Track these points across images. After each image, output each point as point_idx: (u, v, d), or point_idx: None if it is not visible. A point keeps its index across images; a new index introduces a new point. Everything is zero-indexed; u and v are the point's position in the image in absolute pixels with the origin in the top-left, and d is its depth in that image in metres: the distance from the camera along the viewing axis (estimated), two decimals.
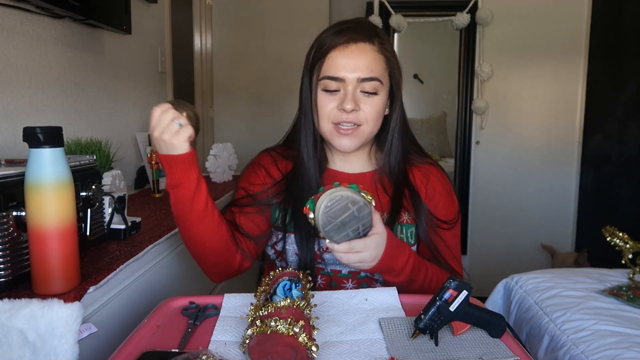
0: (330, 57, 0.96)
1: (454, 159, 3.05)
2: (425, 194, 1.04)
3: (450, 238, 1.05)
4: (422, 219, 1.01)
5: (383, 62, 0.98)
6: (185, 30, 3.06)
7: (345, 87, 0.95)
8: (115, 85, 1.88)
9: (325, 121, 0.98)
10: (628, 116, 2.52)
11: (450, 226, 1.04)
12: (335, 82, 0.95)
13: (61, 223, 0.77)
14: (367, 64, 0.95)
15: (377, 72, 0.96)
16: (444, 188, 1.06)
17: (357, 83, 0.95)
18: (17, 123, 1.31)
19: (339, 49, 0.95)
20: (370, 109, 0.96)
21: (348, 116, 0.95)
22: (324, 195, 0.80)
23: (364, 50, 0.95)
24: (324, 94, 0.97)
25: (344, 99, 0.95)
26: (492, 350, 0.69)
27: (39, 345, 0.72)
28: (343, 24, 0.98)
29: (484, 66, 2.85)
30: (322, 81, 0.97)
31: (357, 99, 0.96)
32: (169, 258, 1.26)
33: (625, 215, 2.52)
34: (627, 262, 1.30)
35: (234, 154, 2.17)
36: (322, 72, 0.96)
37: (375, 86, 0.96)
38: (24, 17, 1.34)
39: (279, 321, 0.65)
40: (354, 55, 0.95)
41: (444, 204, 1.05)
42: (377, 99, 0.97)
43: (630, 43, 2.51)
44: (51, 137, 0.75)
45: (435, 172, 1.08)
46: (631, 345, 0.99)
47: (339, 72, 0.95)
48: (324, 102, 0.97)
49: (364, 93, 0.96)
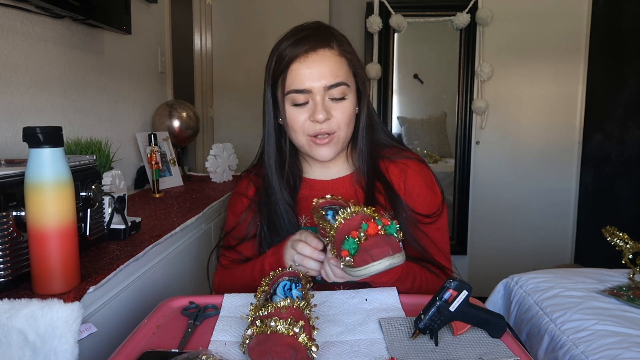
0: (292, 69, 0.95)
1: (454, 159, 3.05)
2: (404, 190, 1.02)
3: (435, 232, 1.03)
4: (402, 215, 0.99)
5: (346, 64, 0.97)
6: (185, 30, 3.06)
7: (313, 98, 0.95)
8: (115, 85, 1.88)
9: (301, 134, 0.98)
10: (628, 116, 2.52)
11: (433, 220, 1.02)
12: (303, 95, 0.95)
13: (61, 223, 0.77)
14: (331, 70, 0.94)
15: (341, 76, 0.95)
16: (423, 181, 1.04)
17: (324, 91, 0.94)
18: (17, 123, 1.31)
19: (300, 59, 0.94)
20: (341, 115, 0.96)
21: (322, 126, 0.95)
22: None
23: (324, 57, 0.94)
24: (293, 108, 0.97)
25: (314, 110, 0.94)
26: (492, 350, 0.69)
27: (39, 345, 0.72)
28: (300, 32, 0.97)
29: (484, 66, 2.85)
30: (289, 96, 0.96)
31: (327, 107, 0.95)
32: (169, 258, 1.26)
33: (625, 215, 2.52)
34: (627, 262, 1.30)
35: (234, 154, 2.17)
36: (287, 87, 0.96)
37: (342, 91, 0.95)
38: (24, 17, 1.34)
39: (279, 321, 0.65)
40: (316, 64, 0.94)
41: (425, 196, 1.03)
42: (347, 103, 0.97)
43: (630, 43, 2.51)
44: (51, 137, 0.75)
45: (414, 166, 1.05)
46: (631, 345, 0.99)
47: (304, 84, 0.94)
48: (295, 116, 0.97)
49: (332, 100, 0.95)
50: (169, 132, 2.09)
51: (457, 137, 3.00)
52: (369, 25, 2.86)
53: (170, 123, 2.11)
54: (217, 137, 3.10)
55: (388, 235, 0.75)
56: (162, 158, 1.91)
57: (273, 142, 1.03)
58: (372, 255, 0.71)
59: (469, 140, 2.96)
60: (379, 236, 0.74)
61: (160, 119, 2.12)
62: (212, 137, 3.10)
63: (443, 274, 1.01)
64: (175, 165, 2.05)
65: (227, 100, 3.08)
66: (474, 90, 2.91)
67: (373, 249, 0.72)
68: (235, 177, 2.18)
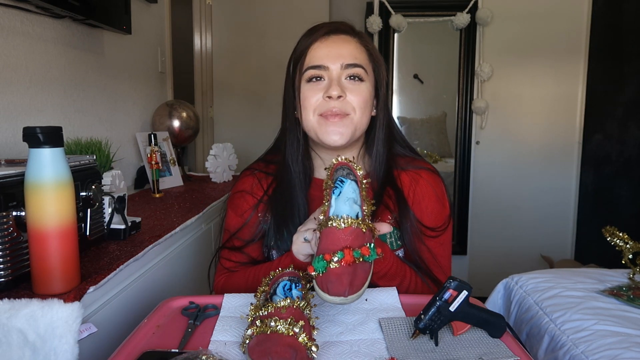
0: (312, 49, 0.94)
1: (454, 159, 3.05)
2: (412, 199, 0.99)
3: (438, 246, 0.99)
4: (407, 224, 0.97)
5: (365, 53, 0.96)
6: (185, 30, 3.06)
7: (329, 75, 0.93)
8: (115, 85, 1.88)
9: (311, 114, 0.94)
10: (628, 116, 2.52)
11: (437, 234, 0.99)
12: (319, 70, 0.93)
13: (61, 223, 0.77)
14: (350, 52, 0.94)
15: (360, 59, 0.94)
16: (434, 192, 1.01)
17: (341, 70, 0.93)
18: (17, 123, 1.31)
19: (321, 40, 0.94)
20: (357, 97, 0.93)
21: (335, 104, 0.92)
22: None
23: (345, 40, 0.95)
24: (307, 85, 0.94)
25: (329, 86, 0.92)
26: (492, 350, 0.69)
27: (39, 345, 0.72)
28: (321, 25, 0.98)
29: (484, 66, 2.85)
30: (306, 73, 0.94)
31: (343, 86, 0.93)
32: (169, 258, 1.26)
33: (625, 215, 2.52)
34: (627, 262, 1.30)
35: (234, 154, 2.17)
36: (305, 65, 0.94)
37: (360, 72, 0.94)
38: (24, 17, 1.34)
39: (279, 321, 0.65)
40: (336, 45, 0.94)
41: (433, 208, 1.00)
42: (363, 86, 0.94)
43: (630, 43, 2.51)
44: (51, 137, 0.75)
45: (427, 176, 1.02)
46: (631, 345, 0.99)
47: (321, 60, 0.93)
48: (309, 93, 0.94)
49: (349, 80, 0.93)
50: (169, 132, 2.09)
51: (457, 137, 3.00)
52: (369, 25, 2.87)
53: (170, 123, 2.11)
54: (217, 137, 3.10)
55: (362, 264, 0.73)
56: (162, 158, 1.91)
57: (294, 136, 1.00)
58: (329, 288, 0.70)
59: (469, 140, 2.96)
60: (350, 268, 0.71)
61: (160, 119, 2.12)
62: (212, 137, 3.10)
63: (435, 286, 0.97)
64: (175, 165, 2.05)
65: (227, 100, 3.08)
66: (474, 90, 2.91)
67: (333, 282, 0.70)
68: (236, 177, 2.17)
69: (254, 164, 1.09)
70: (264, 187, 1.03)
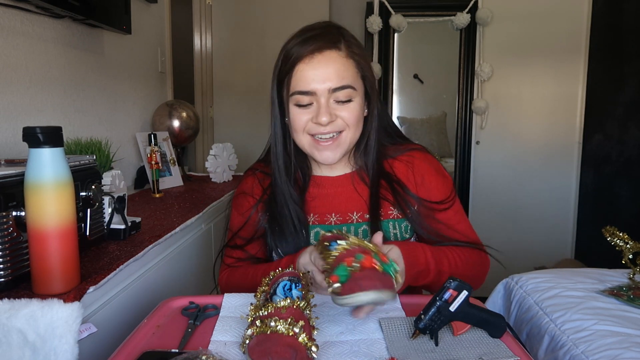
0: (297, 70, 0.93)
1: (454, 159, 3.05)
2: (414, 181, 1.01)
3: (452, 216, 1.01)
4: (415, 208, 0.98)
5: (353, 66, 0.94)
6: (185, 30, 3.06)
7: (317, 100, 0.93)
8: (115, 85, 1.88)
9: (302, 134, 0.96)
10: (628, 116, 2.51)
11: (448, 204, 1.01)
12: (307, 96, 0.93)
13: (61, 223, 0.77)
14: (337, 72, 0.92)
15: (348, 78, 0.93)
16: (432, 167, 1.03)
17: (329, 94, 0.92)
18: (17, 123, 1.31)
19: (305, 60, 0.92)
20: (348, 115, 0.94)
21: (325, 128, 0.93)
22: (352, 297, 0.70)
23: (330, 58, 0.92)
24: (297, 109, 0.95)
25: (318, 112, 0.92)
26: (492, 350, 0.69)
27: (39, 345, 0.72)
28: (308, 32, 0.95)
29: (484, 66, 2.85)
30: (293, 97, 0.94)
31: (332, 110, 0.93)
32: (168, 258, 1.26)
33: (625, 215, 2.52)
34: (627, 262, 1.30)
35: (234, 154, 2.17)
36: (292, 88, 0.94)
37: (348, 94, 0.93)
38: (24, 17, 1.34)
39: (279, 321, 0.65)
40: (321, 66, 0.91)
41: (437, 182, 1.02)
42: (353, 105, 0.94)
43: (630, 43, 2.51)
44: (51, 137, 0.75)
45: (419, 155, 1.04)
46: (631, 345, 0.99)
47: (309, 86, 0.92)
48: (298, 116, 0.95)
49: (337, 103, 0.93)
50: (169, 132, 2.09)
51: (457, 137, 3.00)
52: (369, 25, 2.86)
53: (170, 123, 2.11)
54: (217, 137, 3.10)
55: (384, 273, 0.72)
56: (162, 158, 1.91)
57: (280, 142, 1.01)
58: (361, 285, 0.69)
59: (469, 140, 2.96)
60: (373, 270, 0.71)
61: (160, 119, 2.12)
62: (212, 137, 3.10)
63: (475, 249, 1.01)
64: (175, 165, 2.05)
65: (227, 100, 3.08)
66: (474, 90, 2.91)
67: (363, 280, 0.69)
68: (236, 177, 2.18)
69: (255, 164, 1.11)
70: (264, 187, 1.06)
